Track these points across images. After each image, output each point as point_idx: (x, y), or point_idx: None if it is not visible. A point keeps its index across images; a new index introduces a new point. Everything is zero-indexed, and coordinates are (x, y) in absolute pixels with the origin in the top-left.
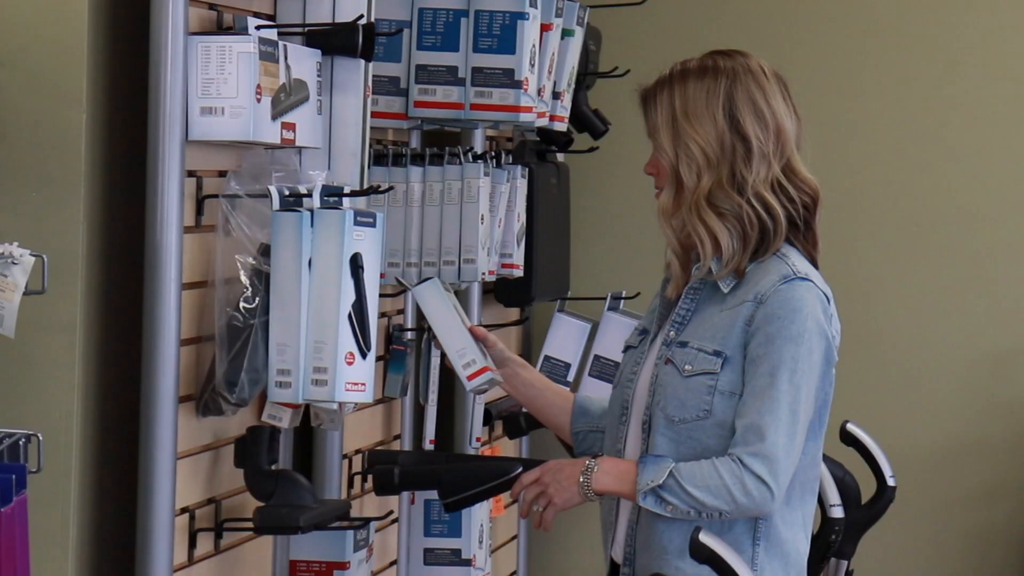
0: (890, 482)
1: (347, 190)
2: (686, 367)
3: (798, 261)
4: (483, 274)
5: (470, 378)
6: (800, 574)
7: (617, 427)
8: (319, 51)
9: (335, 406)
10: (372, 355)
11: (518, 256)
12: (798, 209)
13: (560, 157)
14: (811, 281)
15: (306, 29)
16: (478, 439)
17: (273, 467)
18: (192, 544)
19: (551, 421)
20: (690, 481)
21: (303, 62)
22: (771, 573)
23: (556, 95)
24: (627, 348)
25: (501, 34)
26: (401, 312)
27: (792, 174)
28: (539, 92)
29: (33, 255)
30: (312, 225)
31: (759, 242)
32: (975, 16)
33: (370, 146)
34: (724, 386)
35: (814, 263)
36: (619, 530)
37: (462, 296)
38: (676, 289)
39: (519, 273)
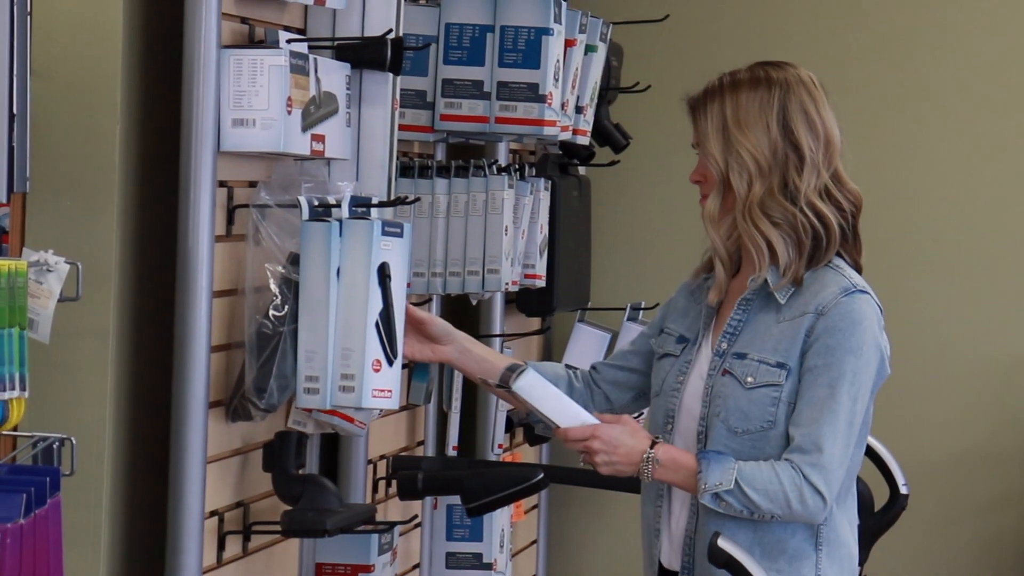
0: (903, 490)
1: (375, 201)
2: (748, 379)
3: (853, 274)
4: (506, 284)
5: None
6: (853, 574)
7: (660, 436)
8: (348, 65)
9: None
10: (398, 363)
11: (540, 267)
12: (847, 216)
13: (582, 170)
14: (869, 294)
15: (336, 43)
16: (500, 446)
17: (300, 471)
18: (221, 546)
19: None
20: (750, 484)
21: (333, 75)
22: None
23: (579, 109)
24: (665, 355)
25: (526, 49)
26: None
27: (839, 182)
28: (563, 106)
29: (68, 263)
30: (341, 235)
31: (813, 250)
32: (987, 26)
33: (397, 158)
34: (788, 397)
35: (858, 270)
36: (672, 537)
37: (486, 305)
38: (718, 294)
39: (541, 283)
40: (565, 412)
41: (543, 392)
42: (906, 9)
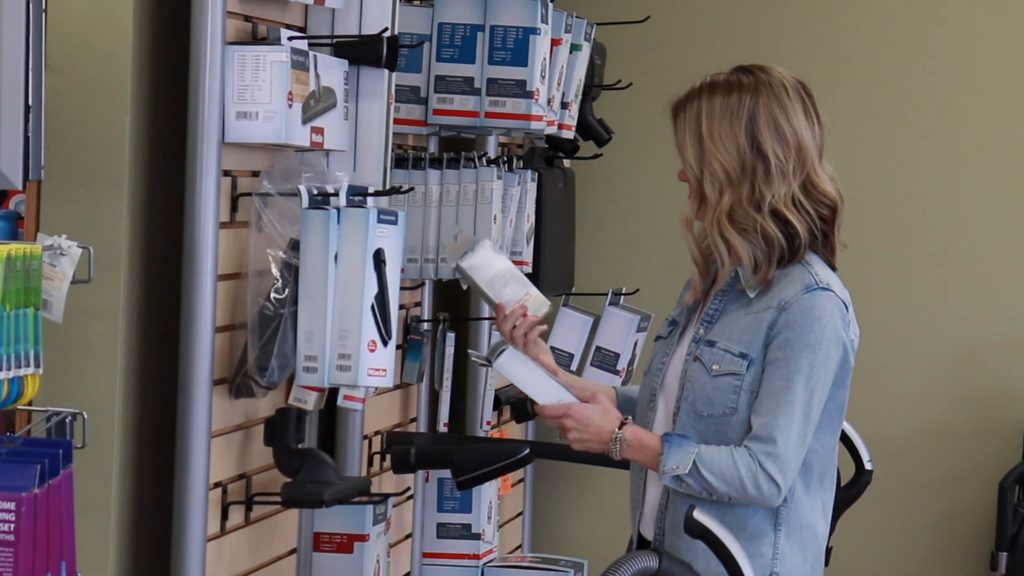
0: (868, 466)
1: (371, 190)
2: (714, 366)
3: (821, 270)
4: None
5: None
6: (818, 557)
7: (646, 412)
8: (346, 61)
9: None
10: (393, 343)
11: (527, 253)
12: (815, 222)
13: (567, 163)
14: (832, 291)
15: (334, 40)
16: (488, 422)
17: (299, 446)
18: (224, 516)
19: None
20: (708, 468)
21: (331, 71)
22: (791, 556)
23: (564, 105)
24: (658, 338)
25: (514, 48)
26: (419, 304)
27: (812, 188)
28: (549, 102)
29: (80, 247)
30: (338, 222)
31: (781, 255)
32: (928, 19)
33: (392, 150)
34: (749, 385)
35: (832, 267)
36: (647, 510)
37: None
38: (694, 295)
39: (528, 269)
40: (544, 390)
41: (522, 370)
42: (879, 5)
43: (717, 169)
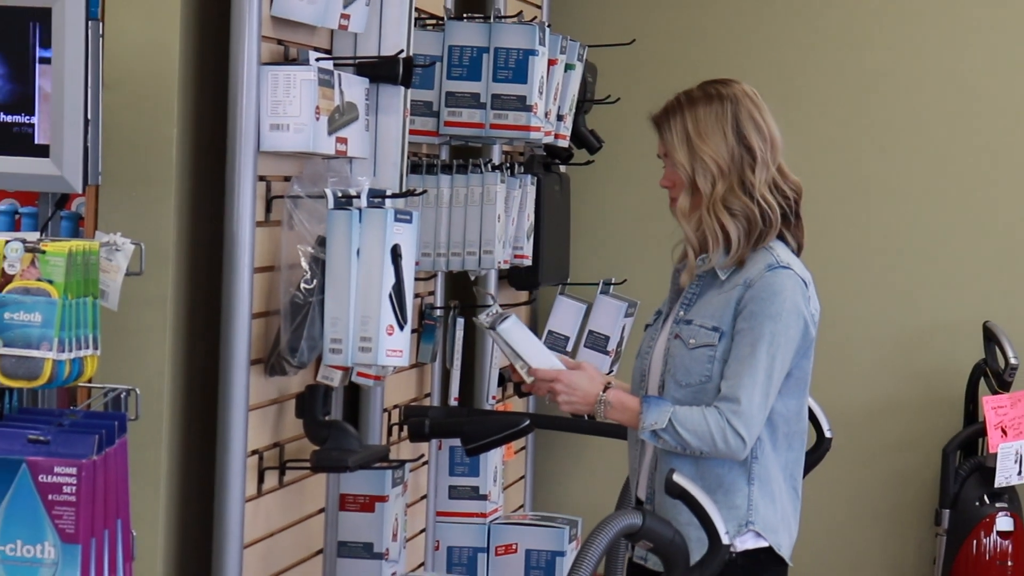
0: (828, 435)
1: (389, 193)
2: (691, 341)
3: (782, 252)
4: (499, 263)
5: None
6: (784, 508)
7: (637, 390)
8: (367, 79)
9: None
10: (408, 327)
11: (527, 249)
12: (790, 203)
13: (562, 168)
14: (791, 269)
15: (357, 61)
16: (493, 397)
17: (327, 418)
18: (261, 480)
19: None
20: (682, 425)
21: (354, 88)
22: (763, 507)
23: (560, 117)
24: (646, 326)
25: (515, 67)
26: (432, 293)
27: (783, 175)
28: (546, 115)
29: (133, 243)
30: (360, 221)
31: (759, 235)
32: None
33: (408, 157)
34: (721, 355)
35: (801, 248)
36: (642, 472)
37: (482, 281)
38: (690, 278)
39: (528, 262)
40: (538, 356)
41: (521, 336)
42: (836, 31)
43: (709, 163)
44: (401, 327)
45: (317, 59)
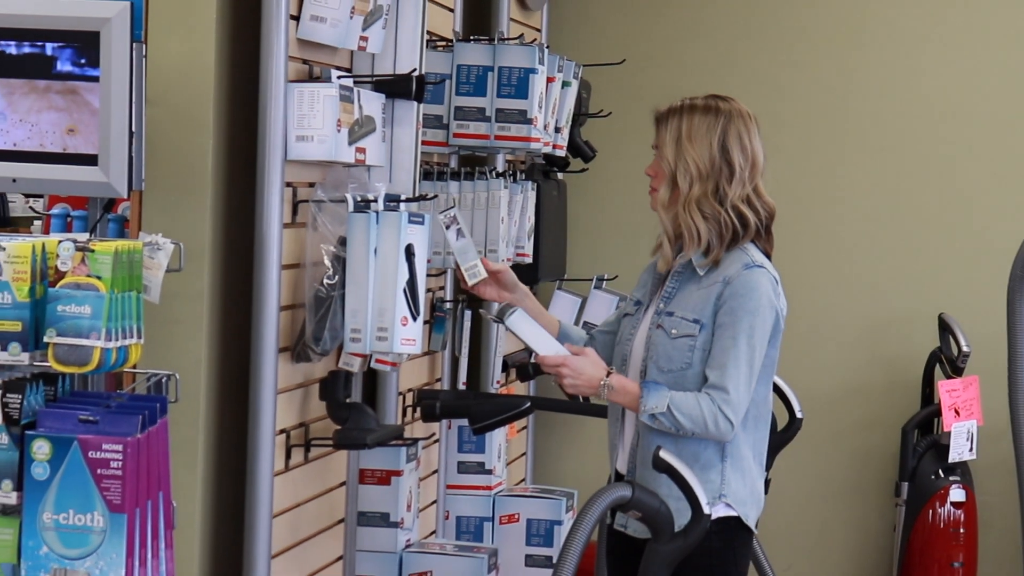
0: (798, 415)
1: (403, 197)
2: (673, 331)
3: (755, 254)
4: (503, 260)
5: None
6: (753, 483)
7: (618, 371)
8: (384, 95)
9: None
10: (421, 319)
11: (528, 248)
12: (762, 220)
13: (560, 175)
14: (765, 268)
15: (374, 79)
16: (498, 382)
17: (348, 400)
18: (288, 456)
19: None
20: (678, 409)
21: (372, 103)
22: (735, 482)
23: (557, 129)
24: (625, 315)
25: (517, 84)
26: (442, 288)
27: (759, 195)
28: (545, 127)
29: (173, 243)
30: (377, 223)
31: (731, 240)
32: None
33: (420, 165)
34: (701, 345)
35: (769, 257)
36: (623, 449)
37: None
38: (666, 264)
39: (529, 260)
40: (544, 344)
41: (528, 327)
42: (815, 54)
43: (690, 164)
44: (414, 318)
45: (339, 77)
